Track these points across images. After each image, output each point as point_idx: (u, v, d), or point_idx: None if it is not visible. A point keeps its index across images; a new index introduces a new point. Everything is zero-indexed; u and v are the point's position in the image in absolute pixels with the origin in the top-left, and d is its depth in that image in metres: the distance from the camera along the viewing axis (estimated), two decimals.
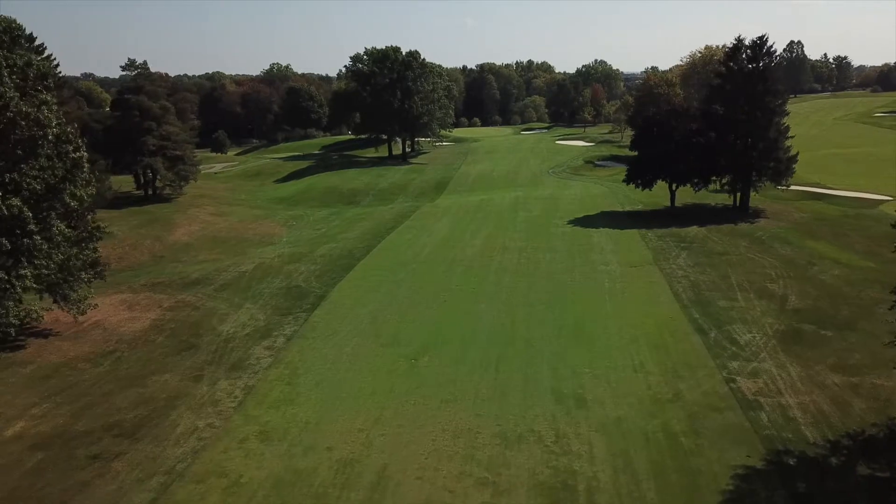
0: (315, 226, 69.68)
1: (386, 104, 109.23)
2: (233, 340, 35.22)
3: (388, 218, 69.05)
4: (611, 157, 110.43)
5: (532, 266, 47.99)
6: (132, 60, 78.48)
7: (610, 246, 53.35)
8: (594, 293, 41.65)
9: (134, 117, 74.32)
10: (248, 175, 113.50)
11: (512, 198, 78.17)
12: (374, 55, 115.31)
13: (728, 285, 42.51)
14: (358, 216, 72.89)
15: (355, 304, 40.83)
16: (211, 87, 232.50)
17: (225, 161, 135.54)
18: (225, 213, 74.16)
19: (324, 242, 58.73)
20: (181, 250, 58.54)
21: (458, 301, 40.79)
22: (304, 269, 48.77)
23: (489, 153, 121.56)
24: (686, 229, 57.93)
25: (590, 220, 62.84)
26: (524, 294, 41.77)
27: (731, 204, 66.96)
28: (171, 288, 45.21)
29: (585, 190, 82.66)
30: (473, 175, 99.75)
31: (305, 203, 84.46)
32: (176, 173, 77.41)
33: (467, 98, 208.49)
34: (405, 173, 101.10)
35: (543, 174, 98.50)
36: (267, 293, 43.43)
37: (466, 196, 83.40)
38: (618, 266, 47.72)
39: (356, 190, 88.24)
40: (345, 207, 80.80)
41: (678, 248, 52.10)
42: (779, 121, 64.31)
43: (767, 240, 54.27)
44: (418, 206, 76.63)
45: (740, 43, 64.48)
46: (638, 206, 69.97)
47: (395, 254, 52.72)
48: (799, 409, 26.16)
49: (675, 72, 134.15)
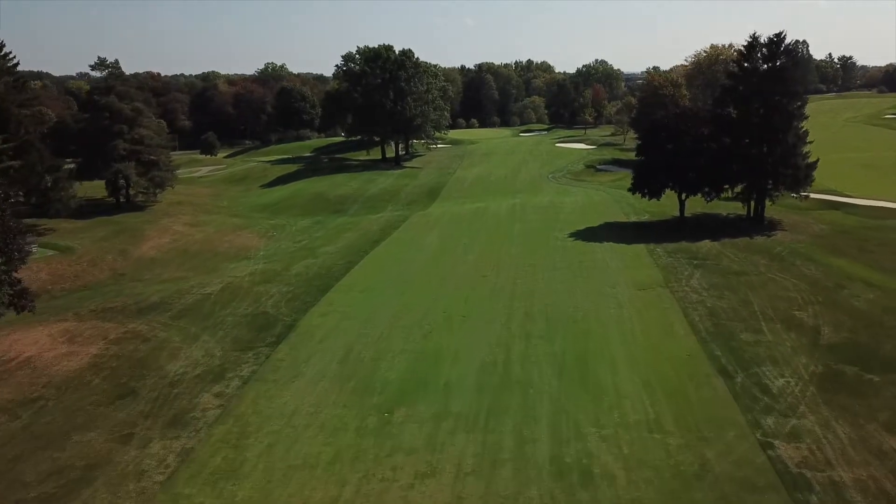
0: (296, 237, 64.67)
1: (378, 105, 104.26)
2: (179, 384, 30.21)
3: (375, 229, 64.05)
4: (613, 162, 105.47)
5: (530, 287, 43.00)
6: (102, 59, 73.62)
7: (615, 263, 48.38)
8: (599, 323, 36.68)
9: (104, 120, 69.32)
10: (234, 179, 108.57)
11: (509, 206, 73.19)
12: (366, 54, 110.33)
13: (750, 313, 37.54)
14: (343, 226, 67.89)
15: (327, 335, 35.84)
16: (203, 87, 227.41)
17: (212, 164, 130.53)
18: (201, 223, 69.14)
19: (302, 258, 53.71)
20: (146, 267, 53.54)
21: (445, 332, 35.81)
22: (276, 292, 43.77)
23: (486, 156, 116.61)
24: (698, 244, 52.94)
25: (593, 233, 57.87)
26: (521, 323, 36.80)
27: (745, 214, 62.00)
28: (124, 314, 40.18)
29: (587, 197, 77.68)
30: (469, 180, 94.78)
31: (289, 211, 79.45)
32: (150, 180, 72.42)
33: (465, 98, 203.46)
34: (397, 178, 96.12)
35: (543, 179, 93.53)
36: (230, 321, 38.42)
37: (461, 204, 78.43)
38: (625, 288, 42.75)
39: (343, 197, 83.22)
40: (330, 216, 75.79)
41: (691, 266, 47.13)
42: (797, 125, 59.32)
43: (788, 256, 49.29)
44: (408, 215, 71.65)
45: (755, 41, 59.49)
46: (644, 216, 64.98)
47: (379, 272, 47.71)
48: (857, 490, 21.17)
49: (680, 72, 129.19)
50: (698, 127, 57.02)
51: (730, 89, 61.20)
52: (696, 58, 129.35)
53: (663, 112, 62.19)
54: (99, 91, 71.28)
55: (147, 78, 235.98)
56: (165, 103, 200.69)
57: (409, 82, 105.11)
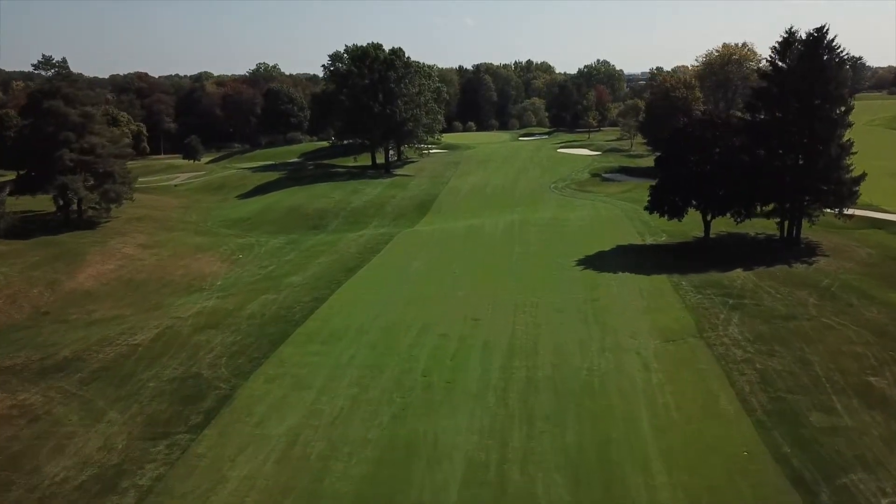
0: (263, 261, 56.43)
1: (365, 108, 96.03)
2: (51, 500, 22.01)
3: (353, 252, 55.78)
4: (620, 170, 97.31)
5: (532, 338, 34.79)
6: (48, 57, 65.04)
7: (635, 302, 40.18)
8: (622, 394, 28.51)
9: (48, 126, 61.04)
10: (210, 188, 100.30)
11: (507, 223, 64.99)
12: (353, 53, 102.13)
13: (813, 379, 29.39)
14: (318, 248, 59.63)
15: (269, 413, 27.63)
16: (190, 87, 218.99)
17: (192, 170, 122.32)
18: (158, 244, 60.87)
19: (262, 291, 45.47)
20: (76, 302, 45.30)
21: (423, 410, 27.62)
22: (219, 343, 35.53)
23: (483, 163, 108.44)
24: (729, 274, 44.75)
25: (604, 260, 49.67)
26: (521, 395, 28.62)
27: (778, 235, 53.91)
28: (21, 376, 31.98)
29: (594, 212, 69.45)
30: (464, 191, 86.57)
31: (262, 227, 71.20)
32: (102, 194, 64.08)
33: (462, 100, 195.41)
34: (385, 188, 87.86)
35: (544, 190, 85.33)
36: (150, 390, 30.20)
37: (453, 220, 70.24)
38: (650, 339, 34.58)
39: (323, 211, 74.92)
40: (306, 234, 67.57)
41: (725, 306, 38.96)
42: (841, 133, 51.28)
43: (840, 292, 41.09)
44: (394, 233, 63.40)
45: (792, 35, 51.37)
46: (661, 236, 56.77)
47: (348, 314, 39.38)
48: None
49: (690, 72, 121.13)
50: (729, 136, 48.82)
51: (762, 92, 52.98)
52: (706, 57, 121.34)
53: (684, 118, 53.97)
54: (42, 94, 62.91)
55: (134, 78, 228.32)
56: (150, 105, 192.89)
57: (399, 83, 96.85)
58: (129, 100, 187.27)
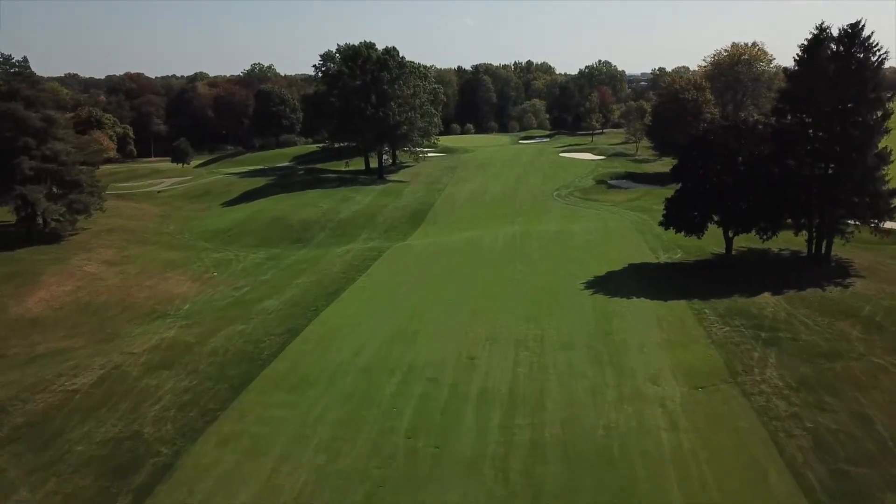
0: (238, 281, 51.31)
1: (357, 111, 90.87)
2: None
3: (337, 271, 50.59)
4: (626, 176, 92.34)
5: (537, 385, 29.63)
6: (6, 56, 59.83)
7: (654, 335, 35.07)
8: (647, 462, 23.39)
9: (5, 131, 55.89)
10: (194, 195, 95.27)
11: (507, 236, 59.90)
12: (345, 53, 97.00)
13: (879, 444, 24.29)
14: (299, 265, 54.48)
15: (214, 491, 22.45)
16: (181, 88, 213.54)
17: (178, 175, 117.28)
18: (126, 260, 55.77)
19: (231, 320, 40.31)
20: (20, 332, 40.13)
21: (403, 488, 22.46)
22: (171, 388, 30.36)
23: (482, 167, 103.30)
24: (757, 300, 39.68)
25: (615, 281, 44.55)
26: (525, 465, 23.49)
27: (805, 252, 48.91)
28: None
29: (602, 223, 64.33)
30: (461, 199, 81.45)
31: (243, 239, 66.05)
32: (68, 205, 58.92)
33: (461, 101, 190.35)
34: (377, 196, 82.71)
35: (547, 198, 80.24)
36: (77, 455, 25.02)
37: (449, 232, 65.15)
38: (675, 385, 29.48)
39: (309, 222, 69.73)
40: (289, 248, 62.44)
41: (758, 341, 33.89)
42: (878, 140, 46.20)
43: (886, 322, 36.00)
44: (383, 248, 58.24)
45: (823, 32, 46.33)
46: (676, 253, 51.66)
47: (323, 352, 34.19)
48: None
49: (698, 73, 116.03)
50: (756, 144, 43.73)
51: (789, 95, 47.88)
52: (715, 57, 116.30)
53: (704, 124, 48.85)
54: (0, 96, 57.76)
55: (125, 79, 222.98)
56: (139, 106, 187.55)
57: (392, 85, 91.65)
58: (117, 101, 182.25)
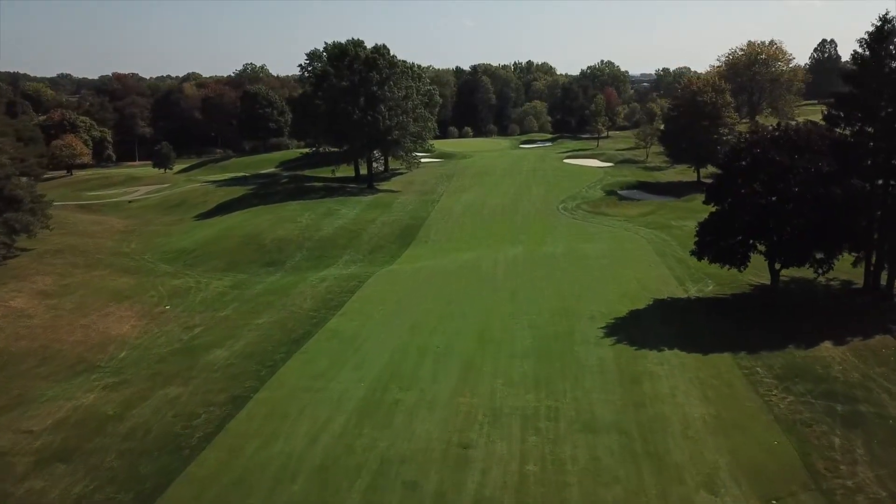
0: (192, 317, 43.41)
1: (343, 114, 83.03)
2: None
3: (307, 308, 42.66)
4: (638, 186, 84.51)
5: (554, 495, 21.83)
6: None
7: (698, 408, 27.30)
8: None
9: None
10: (167, 206, 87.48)
11: (509, 260, 52.11)
12: (331, 51, 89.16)
13: None
14: (265, 297, 46.58)
15: None
16: (167, 89, 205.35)
17: (155, 182, 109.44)
18: (65, 290, 47.90)
19: (168, 378, 32.44)
20: None
21: None
22: (57, 497, 22.52)
23: (480, 176, 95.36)
24: (817, 353, 31.91)
25: (641, 325, 36.73)
26: None
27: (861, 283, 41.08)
28: None
29: (616, 244, 56.51)
30: (457, 212, 73.55)
31: (209, 261, 58.15)
32: (2, 224, 51.07)
33: (458, 103, 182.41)
34: (364, 209, 74.84)
35: (552, 212, 72.40)
36: None
37: (442, 254, 57.29)
38: (738, 492, 21.86)
39: (285, 241, 61.73)
40: (259, 272, 54.56)
41: (835, 419, 26.17)
42: None
43: None
44: (365, 275, 50.36)
45: (887, 23, 38.54)
46: (707, 284, 43.76)
47: (270, 436, 26.09)
48: None
49: (712, 73, 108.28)
50: (812, 160, 35.92)
51: (847, 99, 40.00)
52: (730, 57, 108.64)
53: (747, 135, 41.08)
54: None
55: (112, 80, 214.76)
56: (122, 108, 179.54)
57: (382, 86, 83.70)
58: (100, 103, 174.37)
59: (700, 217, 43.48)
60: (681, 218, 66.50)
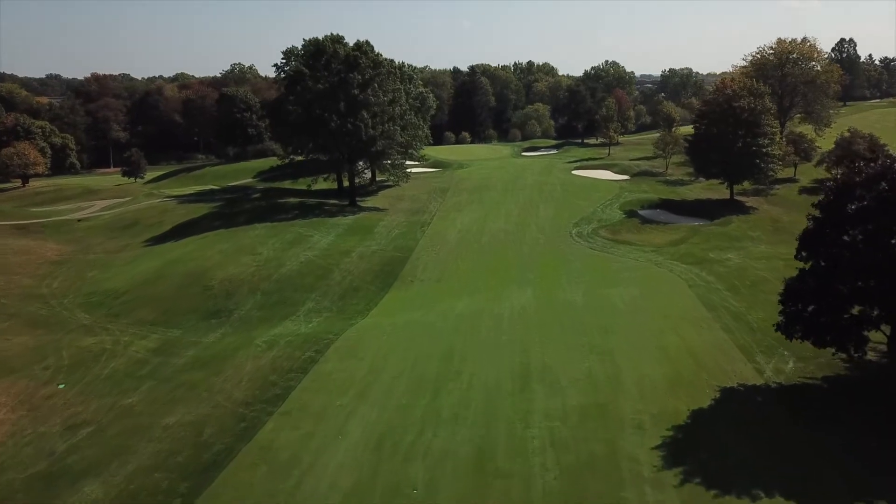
0: (87, 405, 31.68)
1: (319, 121, 71.43)
2: None
3: (239, 397, 30.88)
4: (661, 204, 72.84)
5: None
6: None
7: None
8: None
9: None
10: (118, 227, 75.88)
11: (515, 314, 40.47)
12: (307, 48, 77.51)
13: None
14: (194, 370, 34.82)
15: None
16: (145, 91, 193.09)
17: (113, 196, 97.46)
18: None
19: None
20: None
21: None
22: None
23: (479, 191, 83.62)
24: None
25: (709, 441, 25.16)
26: None
27: None
28: None
29: (648, 287, 44.88)
30: (451, 240, 61.75)
31: (139, 309, 46.46)
32: None
33: (455, 106, 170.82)
34: (341, 235, 63.12)
35: (564, 238, 60.76)
36: None
37: (431, 300, 45.50)
38: None
39: (237, 281, 49.87)
40: (197, 326, 42.85)
41: None
42: None
43: None
44: (329, 335, 38.58)
45: None
46: (786, 361, 32.13)
47: None
48: None
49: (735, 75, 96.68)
50: None
51: None
52: (759, 55, 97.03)
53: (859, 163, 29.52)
54: None
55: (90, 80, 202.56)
56: (95, 111, 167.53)
57: (364, 89, 72.04)
58: (70, 105, 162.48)
59: (742, 247, 32.86)
60: (720, 248, 55.00)
